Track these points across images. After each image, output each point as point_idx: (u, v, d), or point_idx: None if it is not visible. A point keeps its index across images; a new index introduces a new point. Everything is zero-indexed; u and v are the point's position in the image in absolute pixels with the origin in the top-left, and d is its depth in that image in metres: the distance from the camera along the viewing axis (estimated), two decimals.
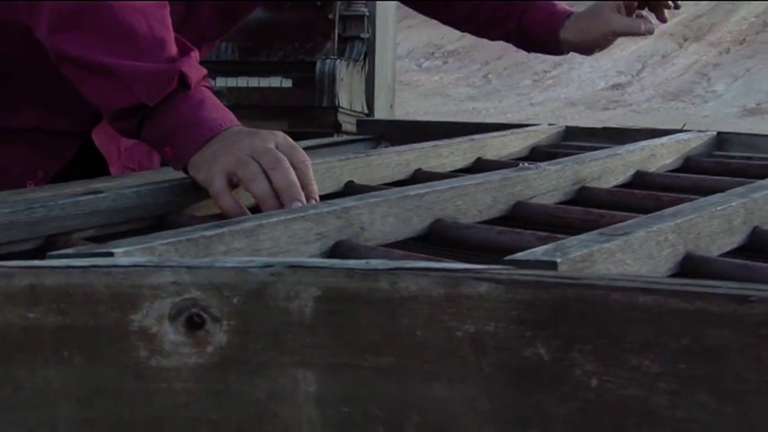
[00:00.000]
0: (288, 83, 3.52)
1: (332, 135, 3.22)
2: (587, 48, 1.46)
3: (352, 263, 0.51)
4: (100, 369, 0.53)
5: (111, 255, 0.61)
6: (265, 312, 0.52)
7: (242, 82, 3.54)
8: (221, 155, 0.94)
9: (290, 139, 0.97)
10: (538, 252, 0.58)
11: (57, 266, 0.52)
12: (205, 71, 1.02)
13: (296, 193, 0.90)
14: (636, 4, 1.39)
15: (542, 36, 1.46)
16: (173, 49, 1.00)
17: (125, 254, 0.62)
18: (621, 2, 1.39)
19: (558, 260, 0.56)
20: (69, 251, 0.64)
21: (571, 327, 0.48)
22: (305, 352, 0.51)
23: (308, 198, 0.92)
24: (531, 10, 1.46)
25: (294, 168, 0.93)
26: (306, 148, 1.39)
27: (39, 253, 0.84)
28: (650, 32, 1.40)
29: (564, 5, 1.48)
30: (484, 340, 0.48)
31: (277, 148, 0.94)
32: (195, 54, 1.02)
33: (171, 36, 1.01)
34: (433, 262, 0.50)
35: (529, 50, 1.54)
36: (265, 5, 3.47)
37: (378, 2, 3.65)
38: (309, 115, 3.50)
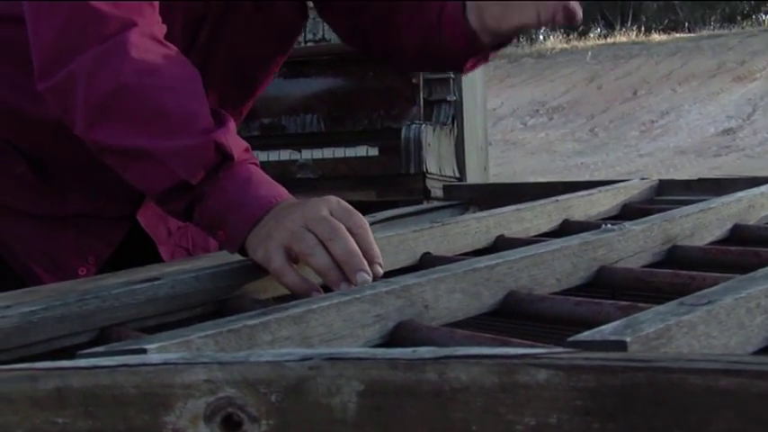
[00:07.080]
0: (374, 151, 3.46)
1: (421, 202, 3.17)
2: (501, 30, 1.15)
3: (396, 352, 0.47)
4: None
5: (143, 351, 0.57)
6: (306, 409, 0.48)
7: (327, 153, 3.49)
8: (275, 230, 0.91)
9: (343, 203, 0.93)
10: (605, 330, 0.52)
11: (83, 367, 0.50)
12: (246, 144, 0.99)
13: (358, 264, 0.86)
14: None
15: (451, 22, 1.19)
16: (206, 121, 0.98)
17: (159, 349, 0.58)
18: None
19: (628, 339, 0.50)
20: (100, 349, 0.60)
21: (644, 416, 0.43)
22: None
23: (370, 263, 0.87)
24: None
25: (352, 234, 0.89)
26: (388, 219, 1.36)
27: (93, 346, 0.80)
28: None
29: None
30: None
31: (331, 214, 0.90)
32: (232, 124, 0.99)
33: (204, 108, 1.00)
34: (487, 347, 0.45)
35: (433, 62, 1.29)
36: (348, 75, 3.47)
37: None
38: (397, 183, 3.43)
